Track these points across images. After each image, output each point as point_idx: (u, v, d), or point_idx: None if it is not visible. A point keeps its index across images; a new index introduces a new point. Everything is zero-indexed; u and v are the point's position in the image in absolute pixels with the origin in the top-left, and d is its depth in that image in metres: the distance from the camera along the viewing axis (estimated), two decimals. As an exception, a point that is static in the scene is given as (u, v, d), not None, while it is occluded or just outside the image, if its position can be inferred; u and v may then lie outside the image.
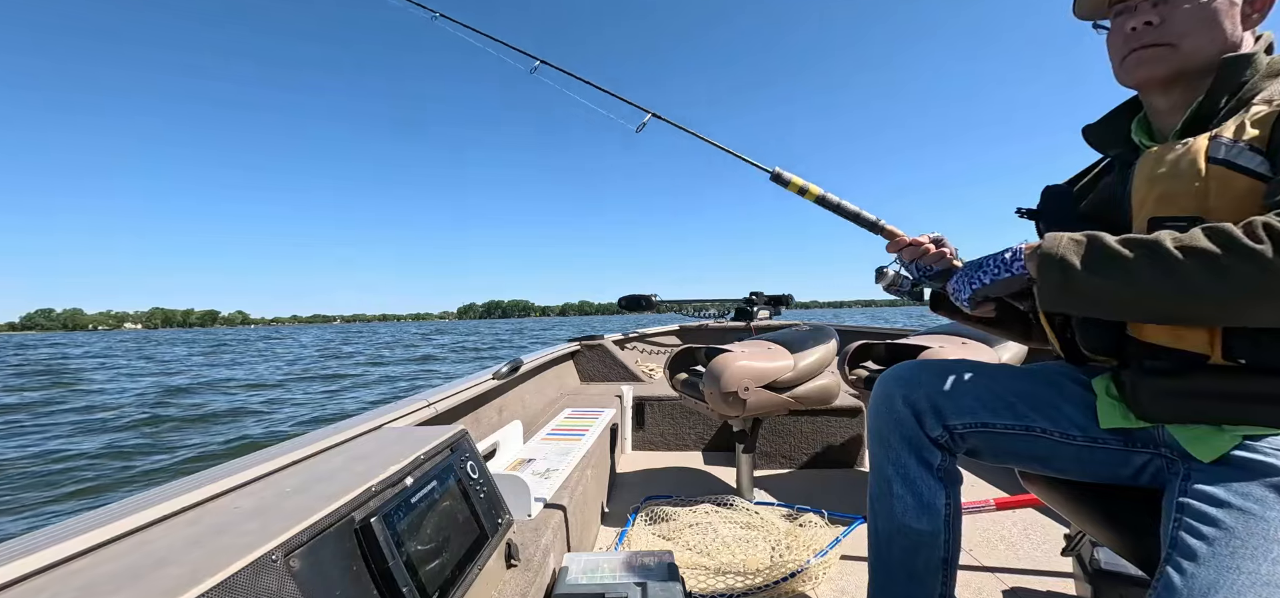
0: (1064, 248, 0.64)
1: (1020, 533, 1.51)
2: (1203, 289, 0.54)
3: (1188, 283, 0.55)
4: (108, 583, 0.44)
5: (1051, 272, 0.64)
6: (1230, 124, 0.64)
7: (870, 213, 0.98)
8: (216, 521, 0.57)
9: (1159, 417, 0.67)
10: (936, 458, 0.81)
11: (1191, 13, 0.69)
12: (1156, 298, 0.58)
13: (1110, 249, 0.60)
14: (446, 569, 0.71)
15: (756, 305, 3.46)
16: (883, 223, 0.97)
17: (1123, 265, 0.59)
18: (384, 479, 0.69)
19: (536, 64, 1.50)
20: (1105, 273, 0.60)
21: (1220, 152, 0.62)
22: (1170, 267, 0.56)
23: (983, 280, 0.74)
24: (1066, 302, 0.64)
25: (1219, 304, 0.55)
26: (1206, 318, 0.58)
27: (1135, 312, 0.62)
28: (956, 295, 0.80)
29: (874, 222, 0.97)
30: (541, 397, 2.51)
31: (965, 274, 0.78)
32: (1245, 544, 0.54)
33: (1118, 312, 0.63)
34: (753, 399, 1.62)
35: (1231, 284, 0.53)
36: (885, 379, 0.87)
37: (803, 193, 1.04)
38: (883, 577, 0.86)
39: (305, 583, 0.51)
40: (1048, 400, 0.78)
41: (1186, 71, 0.70)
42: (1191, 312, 0.57)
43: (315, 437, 0.90)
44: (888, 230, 0.95)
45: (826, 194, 1.02)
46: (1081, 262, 0.62)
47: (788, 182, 1.05)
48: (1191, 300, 0.56)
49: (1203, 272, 0.54)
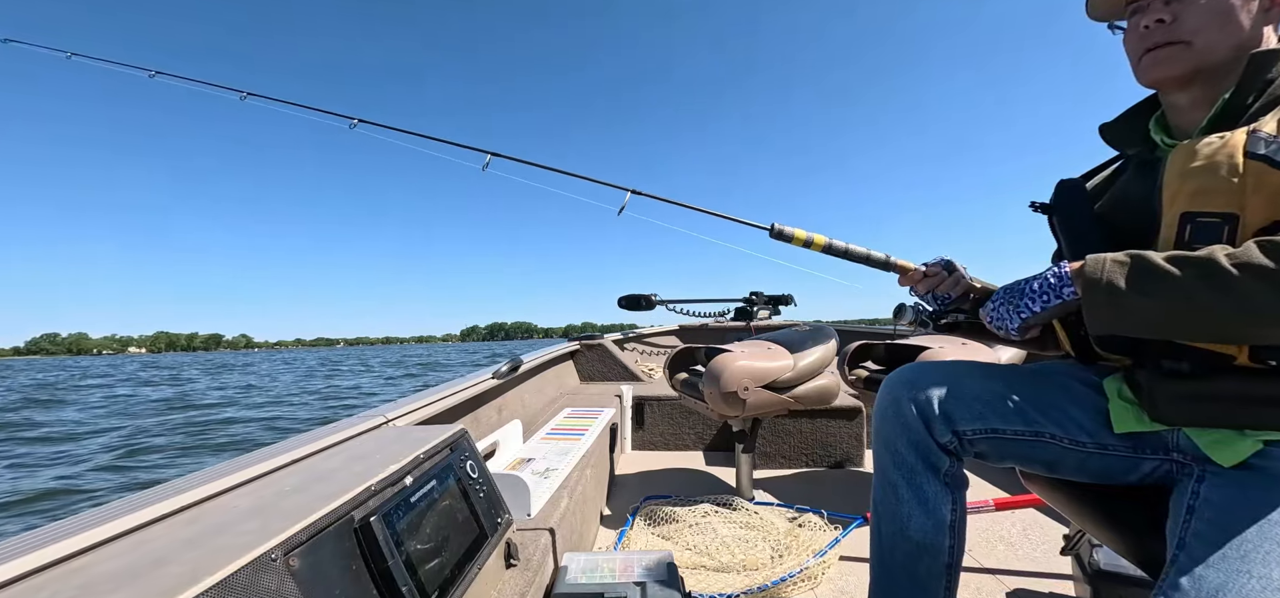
0: (1109, 271, 0.62)
1: (1020, 533, 1.51)
2: (1263, 307, 0.53)
3: (1247, 301, 0.53)
4: (106, 582, 0.44)
5: (1098, 294, 0.63)
6: (1270, 119, 0.62)
7: (879, 252, 0.98)
8: (216, 520, 0.57)
9: (1177, 420, 0.66)
10: (944, 464, 0.80)
11: (1205, 9, 0.68)
12: (1213, 317, 0.56)
13: (1160, 268, 0.59)
14: (446, 569, 0.71)
15: (756, 305, 3.46)
16: (893, 259, 0.97)
17: (1174, 284, 0.57)
18: (383, 479, 0.69)
19: (488, 160, 1.63)
20: (1155, 293, 0.59)
21: (1259, 147, 0.60)
22: (1226, 284, 0.54)
23: (1032, 308, 0.72)
24: (1118, 325, 0.63)
25: (1276, 319, 0.54)
26: (1267, 336, 0.57)
27: (1190, 332, 0.60)
28: (1001, 325, 0.77)
29: (884, 260, 0.97)
30: (541, 396, 2.51)
31: (1008, 302, 0.75)
32: (1258, 548, 0.53)
33: (1170, 332, 0.61)
34: (752, 399, 1.61)
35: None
36: (892, 382, 0.86)
37: (808, 245, 1.03)
38: (885, 581, 0.85)
39: (304, 582, 0.51)
40: (1056, 404, 0.77)
41: (1203, 69, 0.70)
42: (1252, 331, 0.56)
43: (315, 436, 0.90)
44: (898, 265, 0.95)
45: (832, 242, 1.01)
46: (1127, 282, 0.60)
47: (789, 236, 1.04)
48: (1252, 319, 0.54)
49: (1263, 288, 0.53)
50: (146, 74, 2.24)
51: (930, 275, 0.90)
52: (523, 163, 1.56)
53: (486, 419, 1.82)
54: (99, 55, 2.48)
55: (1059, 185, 0.85)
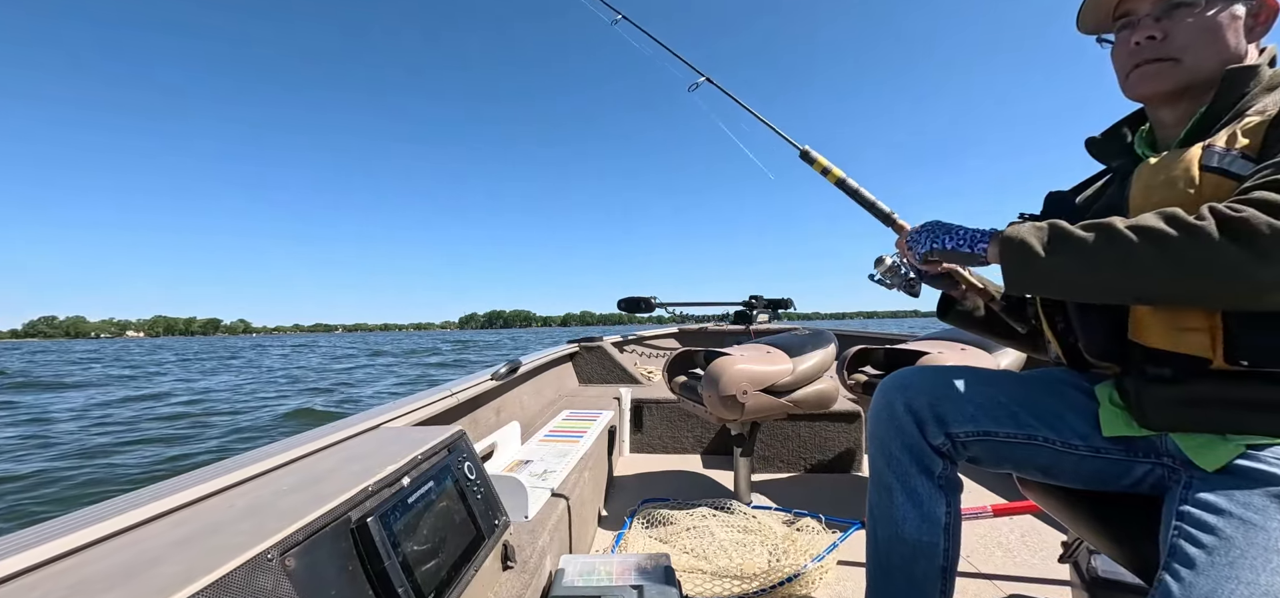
0: (1026, 233, 0.67)
1: (1018, 540, 1.51)
2: (1151, 266, 0.57)
3: (1137, 260, 0.58)
4: (100, 581, 0.44)
5: (1013, 253, 0.67)
6: (1223, 134, 0.65)
7: (884, 205, 1.00)
8: (211, 519, 0.57)
9: (1163, 425, 0.67)
10: (938, 466, 0.81)
11: (1194, 27, 0.69)
12: (1109, 275, 0.60)
13: (1069, 232, 0.63)
14: (442, 570, 0.71)
15: (756, 309, 3.46)
16: (896, 217, 0.98)
17: (1079, 246, 0.62)
18: (381, 479, 0.69)
19: (618, 17, 1.54)
20: (1063, 253, 0.63)
21: (1213, 160, 0.63)
22: (1123, 246, 0.58)
23: (945, 243, 0.78)
24: (1028, 281, 0.68)
25: (1166, 280, 0.57)
26: (1155, 294, 0.60)
27: (1091, 290, 0.64)
28: (914, 245, 0.83)
29: (888, 213, 0.99)
30: (540, 398, 2.50)
31: (930, 231, 0.81)
32: (1245, 554, 0.53)
33: (1075, 291, 0.66)
34: (751, 403, 1.61)
35: (1175, 260, 0.55)
36: (887, 386, 0.87)
37: (826, 173, 1.07)
38: (882, 584, 0.85)
39: (300, 583, 0.50)
40: (1050, 408, 0.78)
41: (1191, 85, 0.71)
42: (1141, 287, 0.60)
43: (312, 436, 0.90)
44: (899, 225, 0.97)
45: (846, 178, 1.05)
46: (1042, 246, 0.65)
47: (814, 160, 1.09)
48: (1141, 276, 0.58)
49: (1151, 249, 0.57)
50: None
51: None
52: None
53: (485, 421, 1.81)
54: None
55: (1048, 197, 0.86)
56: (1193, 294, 0.57)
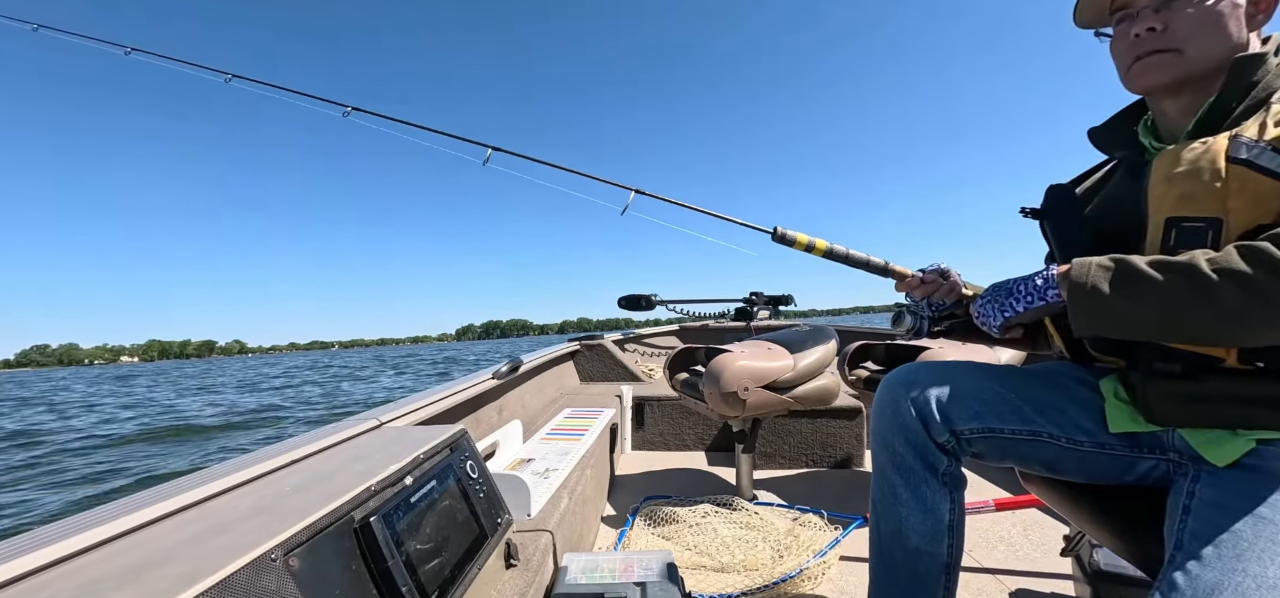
0: (1094, 276, 0.63)
1: (1020, 534, 1.51)
2: (1242, 312, 0.54)
3: (1226, 306, 0.55)
4: (107, 581, 0.44)
5: (1082, 299, 0.64)
6: (1251, 123, 0.63)
7: (878, 258, 1.00)
8: (216, 519, 0.57)
9: (1171, 421, 0.66)
10: (942, 463, 0.80)
11: (1195, 17, 0.68)
12: (1195, 322, 0.57)
13: (1143, 273, 0.60)
14: (446, 569, 0.71)
15: (756, 306, 3.46)
16: (891, 265, 0.99)
17: (1157, 290, 0.59)
18: (384, 479, 0.69)
19: (489, 154, 1.57)
20: (1139, 298, 0.60)
21: (1241, 152, 0.61)
22: (1206, 289, 0.55)
23: (1015, 308, 0.75)
24: (1102, 327, 0.64)
25: (1260, 324, 0.55)
26: (1248, 339, 0.58)
27: (1171, 335, 0.61)
28: (985, 322, 0.80)
29: (883, 265, 1.00)
30: (541, 397, 2.51)
31: (993, 300, 0.78)
32: (1253, 547, 0.53)
33: (1154, 335, 0.62)
34: (752, 399, 1.61)
35: (1270, 305, 0.53)
36: (890, 381, 0.86)
37: (809, 249, 1.04)
38: (885, 581, 0.85)
39: (304, 582, 0.51)
40: (1054, 403, 0.77)
41: (1194, 76, 0.70)
42: (1232, 334, 0.57)
43: (315, 436, 0.90)
44: (896, 272, 0.97)
45: (833, 247, 1.03)
46: (1111, 287, 0.62)
47: (791, 240, 1.05)
48: (1232, 323, 0.55)
49: (1240, 293, 0.54)
50: (123, 51, 2.07)
51: (927, 282, 0.92)
52: (524, 158, 1.54)
53: (486, 420, 1.82)
54: (69, 29, 2.21)
55: (1049, 190, 0.85)
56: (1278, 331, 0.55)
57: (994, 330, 0.79)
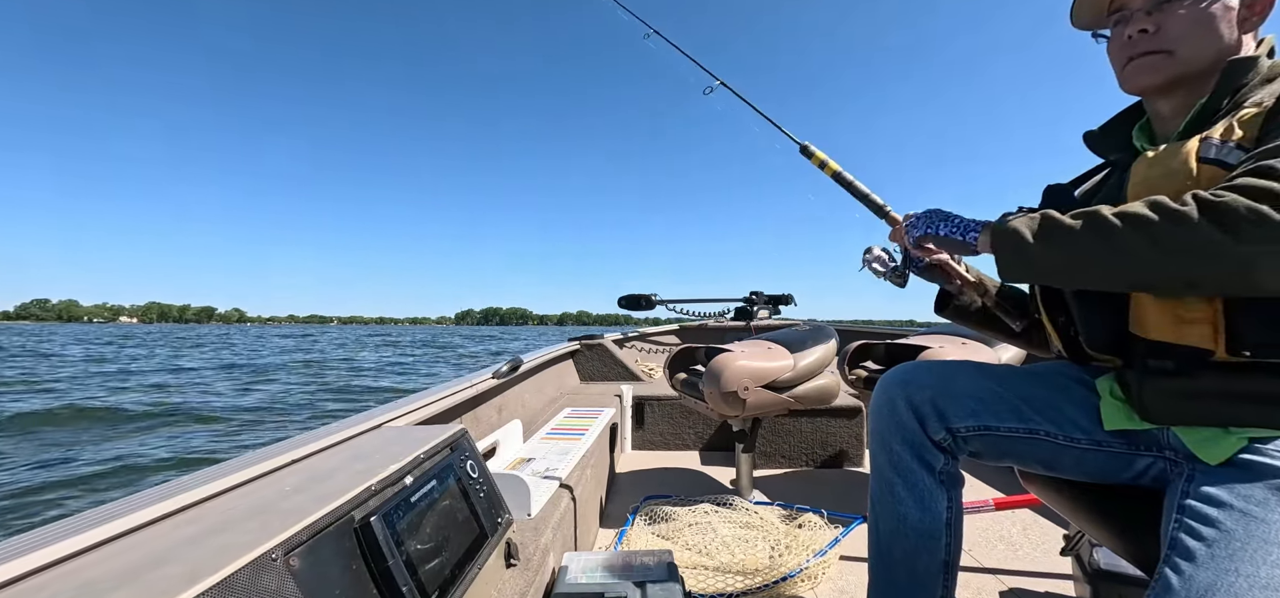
0: (1017, 223, 0.68)
1: (1019, 533, 1.51)
2: (1135, 250, 0.58)
3: (1123, 246, 0.58)
4: (106, 582, 0.44)
5: (1004, 242, 0.68)
6: (1220, 125, 0.64)
7: (878, 197, 1.02)
8: (216, 519, 0.57)
9: (1164, 419, 0.67)
10: (939, 460, 0.81)
11: (1187, 18, 0.69)
12: (1096, 261, 0.61)
13: (1058, 221, 0.64)
14: (446, 569, 0.71)
15: (756, 305, 3.46)
16: (889, 209, 1.00)
17: (1067, 233, 0.62)
18: (384, 478, 0.69)
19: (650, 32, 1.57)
20: (1052, 242, 0.64)
21: (1210, 152, 0.63)
22: (1109, 232, 0.59)
23: (939, 230, 0.80)
24: (1019, 270, 0.69)
25: (1152, 266, 0.58)
26: (1142, 280, 0.61)
27: (1079, 276, 0.65)
28: (911, 230, 0.85)
29: (881, 205, 1.01)
30: (541, 396, 2.51)
31: (929, 217, 0.82)
32: (1245, 547, 0.54)
33: (1064, 278, 0.68)
34: (752, 399, 1.62)
35: (1158, 243, 0.56)
36: (887, 381, 0.87)
37: (823, 166, 1.10)
38: (884, 579, 0.86)
39: (305, 582, 0.51)
40: (1051, 402, 0.78)
41: (1186, 77, 0.71)
42: (1128, 274, 0.60)
43: (315, 436, 0.90)
44: (892, 217, 0.98)
45: (842, 171, 1.07)
46: (1033, 235, 0.65)
47: (812, 154, 1.12)
48: (1128, 263, 0.59)
49: (1136, 235, 0.57)
50: None
51: (916, 245, 0.92)
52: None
53: (486, 419, 1.82)
54: None
55: (1047, 190, 0.86)
56: (1178, 277, 0.57)
57: (910, 239, 0.85)
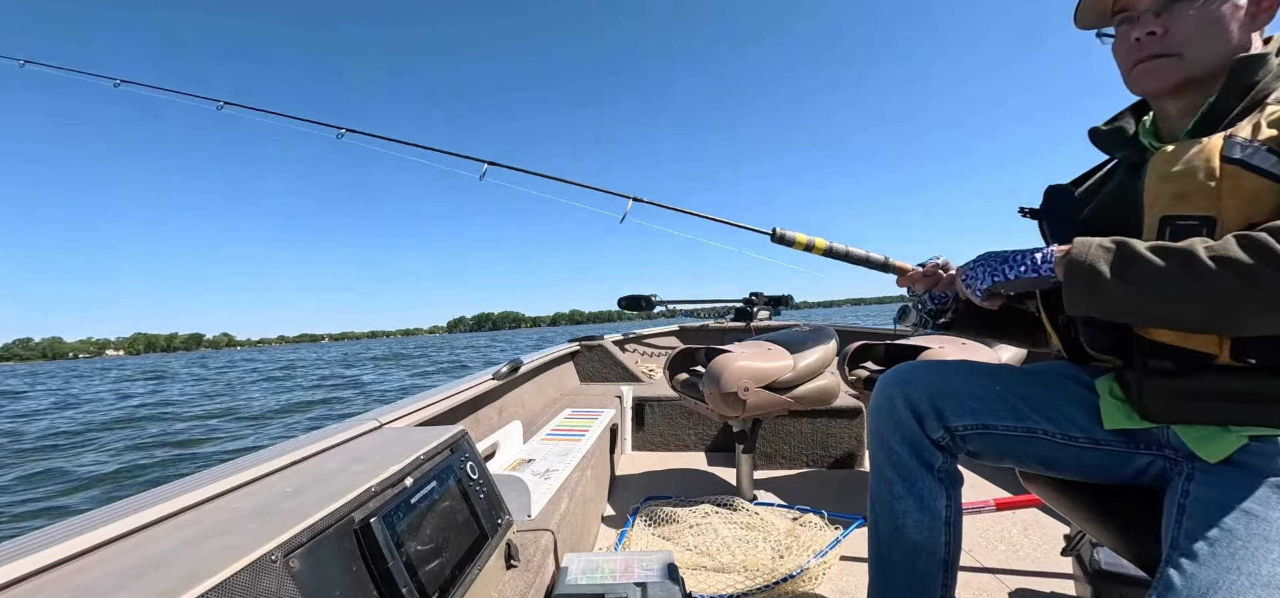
0: (1094, 255, 0.63)
1: (1020, 533, 1.51)
2: (1237, 301, 0.54)
3: (1221, 294, 0.55)
4: (107, 583, 0.44)
5: (1080, 277, 0.64)
6: (1245, 124, 0.63)
7: (878, 254, 1.01)
8: (216, 521, 0.57)
9: (1164, 418, 0.67)
10: (938, 460, 0.81)
11: (1195, 20, 0.68)
12: (1189, 308, 0.57)
13: (1142, 257, 0.60)
14: (446, 570, 0.71)
15: (756, 306, 3.46)
16: (891, 260, 1.00)
17: (1155, 274, 0.58)
18: (384, 480, 0.69)
19: (485, 169, 1.61)
20: (1136, 281, 0.59)
21: (1235, 152, 0.61)
22: (1203, 277, 0.55)
23: (1007, 275, 0.74)
24: (1096, 307, 0.64)
25: (1254, 314, 0.55)
26: (1240, 328, 0.58)
27: (1165, 321, 0.61)
28: (971, 284, 0.79)
29: (883, 261, 1.01)
30: (541, 397, 2.51)
31: (986, 265, 0.77)
32: (1246, 545, 0.53)
33: (1147, 320, 0.63)
34: (753, 400, 1.61)
35: (1265, 295, 0.53)
36: (886, 381, 0.87)
37: (809, 249, 1.05)
38: (883, 578, 0.86)
39: (305, 584, 0.51)
40: (1050, 401, 0.78)
41: (1194, 78, 0.70)
42: (1225, 322, 0.57)
43: (315, 437, 0.90)
44: (897, 267, 0.98)
45: (833, 245, 1.03)
46: (1111, 269, 0.61)
47: (791, 241, 1.06)
48: (1226, 311, 0.55)
49: (1236, 282, 0.54)
50: (112, 83, 2.14)
51: (928, 275, 0.92)
52: (521, 172, 1.57)
53: (486, 420, 1.82)
54: (55, 63, 2.27)
55: (1048, 190, 0.85)
56: (1275, 321, 0.55)
57: (977, 294, 0.78)
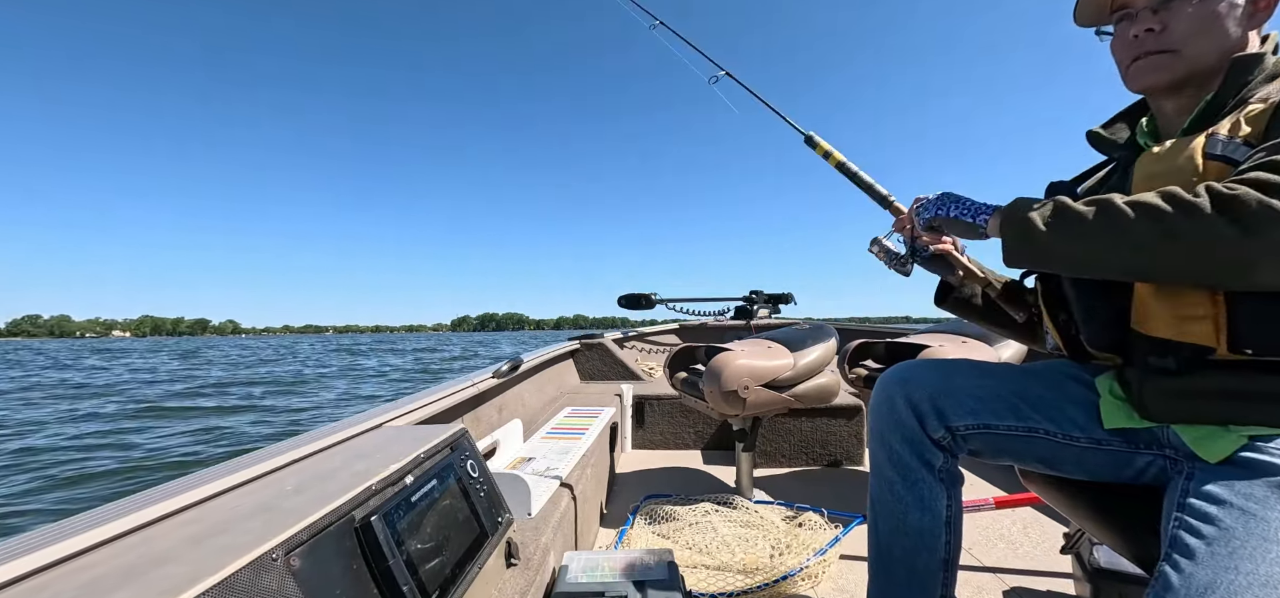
0: (1027, 208, 0.68)
1: (1020, 532, 1.51)
2: (1146, 240, 0.57)
3: (1134, 236, 0.58)
4: (108, 581, 0.44)
5: (1013, 227, 0.68)
6: (1226, 122, 0.65)
7: (883, 187, 1.03)
8: (217, 519, 0.57)
9: (1165, 417, 0.67)
10: (938, 459, 0.81)
11: (1193, 17, 0.69)
12: (1105, 249, 0.61)
13: (1069, 207, 0.64)
14: (446, 568, 0.71)
15: (756, 304, 3.46)
16: (892, 199, 1.02)
17: (1078, 220, 0.62)
18: (384, 478, 0.69)
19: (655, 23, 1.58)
20: (1062, 229, 0.64)
21: (1217, 148, 0.63)
22: (1121, 221, 0.59)
23: (948, 212, 0.80)
24: (1027, 256, 0.68)
25: (1161, 254, 0.57)
26: (1150, 268, 0.60)
27: (1087, 265, 0.64)
28: (921, 212, 0.85)
29: (885, 195, 1.02)
30: (541, 395, 2.51)
31: (939, 200, 0.82)
32: (1244, 545, 0.53)
33: (1071, 266, 0.67)
34: (753, 398, 1.62)
35: (1170, 234, 0.56)
36: (886, 379, 0.87)
37: (827, 157, 1.11)
38: (883, 578, 0.86)
39: (305, 582, 0.51)
40: (1050, 401, 0.78)
41: (1192, 76, 0.71)
42: (1136, 261, 0.60)
43: (315, 435, 0.90)
44: (896, 207, 1.00)
45: (846, 162, 1.09)
46: (1043, 221, 0.65)
47: (817, 143, 1.13)
48: (1136, 250, 0.58)
49: (1148, 224, 0.57)
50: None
51: (917, 231, 0.93)
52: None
53: (487, 419, 1.82)
54: None
55: (1050, 189, 0.86)
56: (1185, 268, 0.57)
57: (920, 222, 0.85)
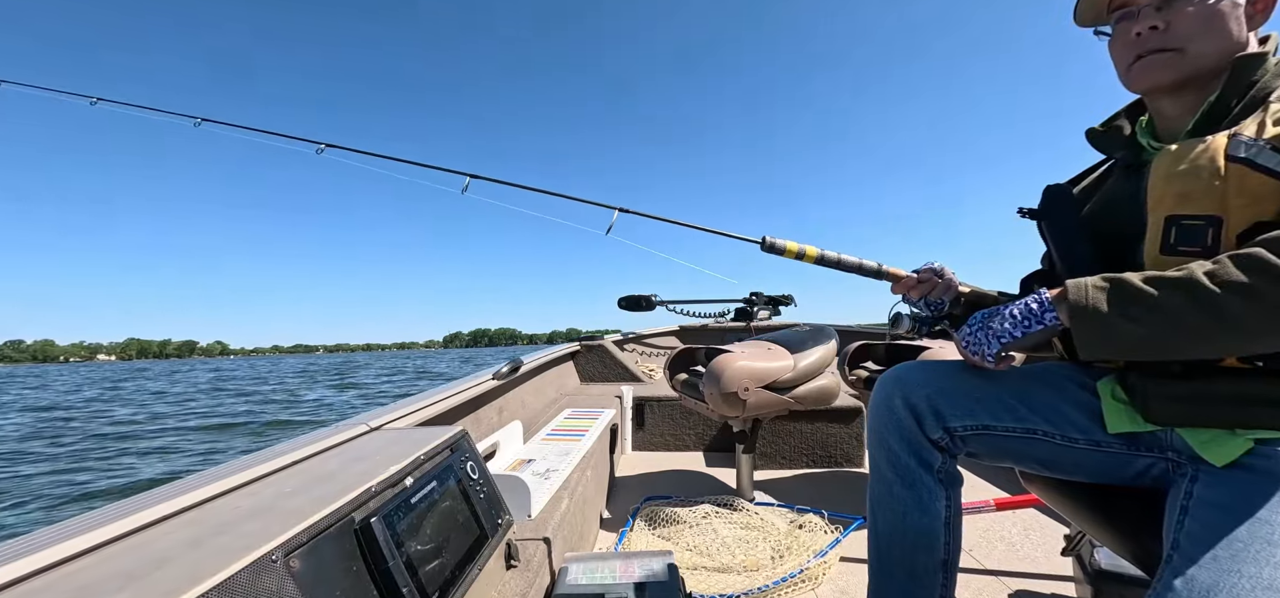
0: (1092, 298, 0.63)
1: (1020, 534, 1.51)
2: (1247, 321, 0.55)
3: (1231, 318, 0.55)
4: (107, 583, 0.44)
5: (1085, 321, 0.64)
6: (1250, 122, 0.63)
7: (871, 261, 0.99)
8: (216, 521, 0.57)
9: (1170, 421, 0.66)
10: (937, 460, 0.81)
11: (1196, 16, 0.69)
12: (1201, 337, 0.58)
13: (1141, 292, 0.60)
14: (446, 570, 0.71)
15: (757, 306, 3.46)
16: (884, 267, 0.97)
17: (1158, 307, 0.59)
18: (384, 480, 0.69)
19: (467, 182, 1.59)
20: (1140, 318, 0.60)
21: (1240, 150, 0.61)
22: (1210, 303, 0.56)
23: (1012, 334, 0.73)
24: (1107, 349, 0.63)
25: (1267, 333, 0.55)
26: (1256, 347, 0.57)
27: (1179, 351, 0.60)
28: (977, 351, 0.77)
29: (877, 269, 0.98)
30: (541, 397, 2.51)
31: (984, 327, 0.76)
32: (1248, 547, 0.53)
33: (1161, 352, 0.61)
34: (753, 400, 1.61)
35: (1269, 309, 0.53)
36: (885, 381, 0.87)
37: (800, 257, 1.01)
38: (883, 579, 0.86)
39: (305, 584, 0.51)
40: (1049, 402, 0.78)
41: (1195, 75, 0.71)
42: (1239, 344, 0.57)
43: (315, 437, 0.90)
44: (891, 274, 0.96)
45: (824, 253, 1.00)
46: (1110, 307, 0.62)
47: (782, 248, 1.02)
48: (1239, 334, 0.56)
49: (1244, 303, 0.54)
50: (88, 102, 2.14)
51: (923, 281, 0.91)
52: (504, 184, 1.55)
53: (487, 420, 1.82)
54: (33, 82, 2.24)
55: (1047, 191, 0.86)
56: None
57: (988, 361, 0.76)
